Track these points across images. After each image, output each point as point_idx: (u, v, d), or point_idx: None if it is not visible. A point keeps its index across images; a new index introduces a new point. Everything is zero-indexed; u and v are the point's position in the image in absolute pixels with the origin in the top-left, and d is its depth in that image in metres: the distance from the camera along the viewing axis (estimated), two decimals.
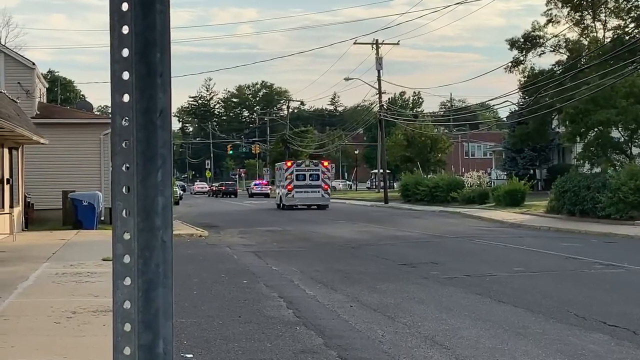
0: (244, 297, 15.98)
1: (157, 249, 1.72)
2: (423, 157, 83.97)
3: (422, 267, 20.84)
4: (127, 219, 1.72)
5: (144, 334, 1.71)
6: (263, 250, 26.27)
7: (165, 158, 1.72)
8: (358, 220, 42.42)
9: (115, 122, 1.72)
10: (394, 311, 14.13)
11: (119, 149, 1.72)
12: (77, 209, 33.23)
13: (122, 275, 1.72)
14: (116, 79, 1.72)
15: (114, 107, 1.73)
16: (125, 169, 1.72)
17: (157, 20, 1.71)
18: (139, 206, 1.71)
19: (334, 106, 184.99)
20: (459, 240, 29.31)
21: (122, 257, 1.73)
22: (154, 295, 1.71)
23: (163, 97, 1.72)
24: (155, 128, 1.72)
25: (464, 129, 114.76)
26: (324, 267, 21.02)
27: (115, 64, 1.72)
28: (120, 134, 1.72)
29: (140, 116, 1.71)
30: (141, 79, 1.71)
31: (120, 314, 1.72)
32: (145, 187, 1.71)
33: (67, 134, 36.99)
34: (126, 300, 1.72)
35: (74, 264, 19.85)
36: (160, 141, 1.72)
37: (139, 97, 1.71)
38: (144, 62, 1.71)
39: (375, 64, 70.85)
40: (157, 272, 1.72)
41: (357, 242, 28.99)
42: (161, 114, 1.72)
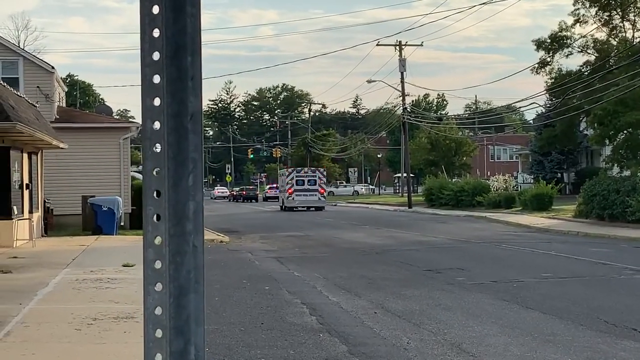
0: (266, 303, 16.00)
1: (188, 254, 1.73)
2: (447, 160, 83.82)
3: (447, 272, 20.79)
4: (158, 224, 1.73)
5: (176, 341, 1.72)
6: (285, 256, 26.30)
7: (197, 162, 1.73)
8: (381, 225, 42.38)
9: (146, 126, 1.73)
10: (420, 318, 14.11)
11: (149, 153, 1.73)
12: (96, 215, 33.41)
13: (153, 280, 1.74)
14: (147, 83, 1.73)
15: (144, 111, 1.74)
16: (156, 173, 1.74)
17: (188, 24, 1.73)
18: (170, 211, 1.72)
19: (356, 109, 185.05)
20: (485, 246, 29.21)
21: (153, 262, 1.74)
22: (185, 301, 1.73)
23: (194, 101, 1.74)
24: (187, 132, 1.73)
25: (490, 132, 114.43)
26: (348, 273, 21.00)
27: (146, 68, 1.74)
28: (151, 138, 1.74)
29: (171, 120, 1.73)
30: (172, 83, 1.72)
31: (152, 320, 1.73)
32: (177, 192, 1.72)
33: (86, 138, 37.21)
34: (157, 306, 1.73)
35: (94, 270, 19.96)
36: (191, 145, 1.73)
37: (170, 101, 1.73)
38: (175, 66, 1.72)
39: (399, 66, 70.80)
40: (189, 277, 1.73)
41: (380, 247, 28.96)
42: (192, 117, 1.73)
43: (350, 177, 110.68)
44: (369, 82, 78.16)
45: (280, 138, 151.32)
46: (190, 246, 1.73)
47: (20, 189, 29.34)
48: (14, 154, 28.25)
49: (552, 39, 56.78)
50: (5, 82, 30.09)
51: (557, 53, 56.94)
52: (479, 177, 75.03)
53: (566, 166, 71.26)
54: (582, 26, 56.26)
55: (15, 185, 28.44)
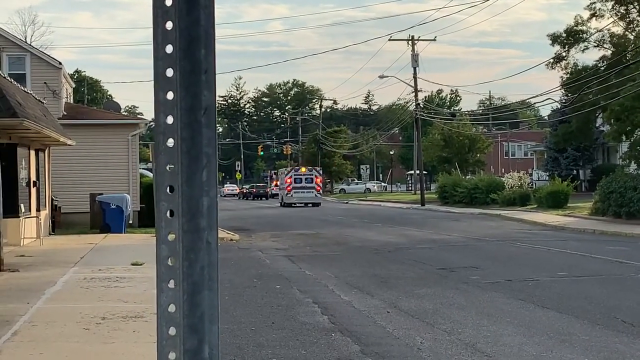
0: (277, 302, 16.01)
1: (202, 250, 1.73)
2: (461, 157, 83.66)
3: (461, 271, 20.77)
4: (171, 220, 1.73)
5: (190, 339, 1.72)
6: (296, 254, 26.32)
7: (210, 157, 1.73)
8: (394, 223, 42.36)
9: (159, 120, 1.73)
10: (433, 317, 14.10)
11: (162, 147, 1.73)
12: (104, 212, 33.48)
13: (167, 277, 1.74)
14: (160, 76, 1.73)
15: (157, 105, 1.74)
16: (169, 168, 1.73)
17: (201, 16, 1.72)
18: (183, 207, 1.72)
19: (368, 105, 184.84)
20: (499, 244, 29.17)
21: (167, 259, 1.74)
22: (199, 298, 1.72)
23: (208, 95, 1.73)
24: (200, 126, 1.73)
25: (504, 128, 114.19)
26: (360, 272, 21.01)
27: (158, 61, 1.73)
28: (164, 132, 1.73)
29: (184, 114, 1.72)
30: (185, 76, 1.72)
31: (165, 317, 1.73)
32: (190, 187, 1.72)
33: (94, 135, 37.30)
34: (171, 303, 1.73)
35: (103, 269, 20.01)
36: (205, 140, 1.73)
37: (184, 95, 1.72)
38: (188, 59, 1.72)
39: (411, 61, 70.73)
40: (203, 274, 1.73)
41: (393, 245, 28.95)
42: (206, 111, 1.73)
43: (362, 174, 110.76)
44: (381, 77, 78.13)
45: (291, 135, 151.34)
46: (204, 242, 1.72)
47: (27, 186, 29.43)
48: (21, 151, 28.34)
49: (568, 34, 56.59)
50: (12, 78, 30.18)
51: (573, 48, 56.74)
52: (493, 174, 74.89)
53: (582, 163, 71.06)
54: (598, 20, 56.07)
55: (22, 183, 28.53)
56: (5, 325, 12.38)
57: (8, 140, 26.83)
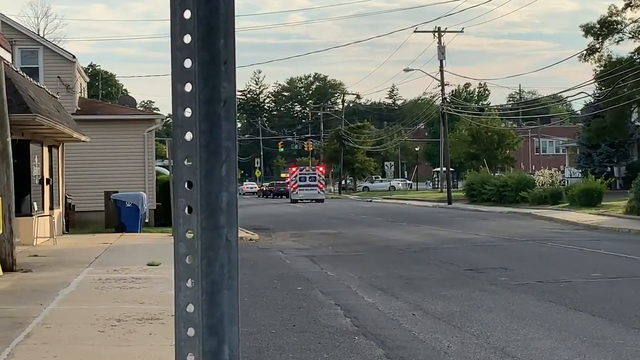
0: (298, 304, 16.03)
1: (221, 248, 1.73)
2: (489, 153, 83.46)
3: (490, 272, 20.72)
4: (189, 217, 1.73)
5: (209, 340, 1.72)
6: (318, 255, 26.34)
7: (230, 151, 1.73)
8: (419, 222, 42.32)
9: (177, 113, 1.73)
10: (460, 320, 14.07)
11: (180, 141, 1.73)
12: (120, 211, 33.62)
13: (185, 276, 1.74)
14: (177, 67, 1.73)
15: (175, 97, 1.74)
16: (188, 163, 1.73)
17: (221, 4, 1.72)
18: (202, 203, 1.72)
19: (392, 99, 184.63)
20: (529, 244, 29.07)
21: (185, 257, 1.74)
22: (218, 298, 1.72)
23: (227, 86, 1.73)
24: (220, 119, 1.73)
25: (534, 123, 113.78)
26: (384, 273, 21.00)
27: (176, 51, 1.73)
28: (182, 125, 1.73)
29: (203, 106, 1.72)
30: (204, 67, 1.72)
31: (183, 317, 1.73)
32: (209, 183, 1.72)
33: (109, 131, 37.46)
34: (189, 303, 1.73)
35: (118, 269, 20.09)
36: (224, 133, 1.73)
37: (202, 86, 1.72)
38: (207, 49, 1.72)
39: (438, 54, 70.54)
40: (222, 273, 1.73)
41: (419, 245, 28.92)
42: (225, 103, 1.73)
43: (387, 171, 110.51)
44: (406, 71, 77.93)
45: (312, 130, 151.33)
46: (224, 240, 1.72)
47: (40, 184, 29.61)
48: (33, 148, 28.51)
49: (602, 24, 56.30)
50: (25, 72, 30.36)
51: (607, 39, 56.46)
52: (523, 171, 74.63)
53: (616, 159, 70.65)
54: (633, 10, 55.74)
55: (35, 181, 28.70)
56: (18, 327, 12.46)
57: (20, 137, 27.00)
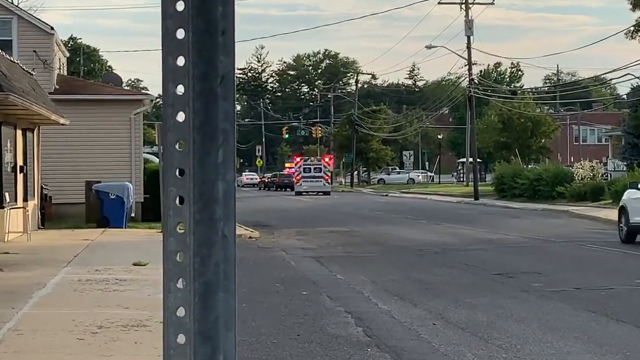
0: (303, 311, 16.05)
1: (217, 244, 1.72)
2: (522, 143, 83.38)
3: (521, 277, 20.72)
4: (181, 208, 1.73)
5: (202, 347, 1.72)
6: (326, 255, 26.36)
7: (228, 134, 1.73)
8: (442, 220, 42.31)
9: (168, 90, 1.73)
10: (487, 331, 14.07)
11: (171, 123, 1.73)
12: (103, 203, 33.67)
13: (175, 276, 1.73)
14: (169, 38, 1.73)
15: (165, 72, 1.73)
16: (179, 147, 1.73)
17: None
18: (195, 193, 1.72)
19: (412, 80, 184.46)
20: (567, 246, 29.05)
21: (175, 254, 1.74)
22: (213, 300, 1.72)
23: (225, 60, 1.73)
24: (216, 97, 1.72)
25: (574, 109, 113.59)
26: (401, 276, 21.02)
27: (167, 20, 1.73)
28: (174, 104, 1.73)
29: (197, 83, 1.72)
30: (199, 38, 1.72)
31: (173, 322, 1.73)
32: (204, 170, 1.72)
33: (91, 112, 37.49)
34: (180, 306, 1.73)
35: (100, 269, 20.14)
36: (221, 114, 1.72)
37: (197, 60, 1.72)
38: (202, 17, 1.71)
39: (465, 29, 70.44)
40: (217, 272, 1.73)
41: (440, 246, 28.93)
42: (223, 80, 1.73)
43: (405, 161, 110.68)
44: (429, 48, 77.96)
45: (322, 114, 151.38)
46: (220, 235, 1.72)
47: (13, 172, 29.66)
48: (5, 131, 28.55)
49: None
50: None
51: None
52: (560, 164, 74.54)
53: None
54: None
55: (7, 168, 28.75)
56: None
57: None
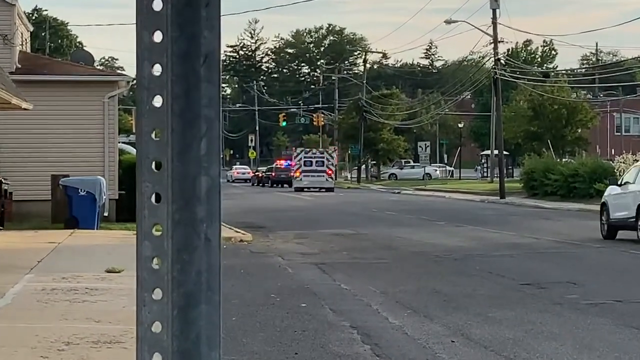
0: (302, 326, 16.06)
1: (199, 249, 1.72)
2: (556, 133, 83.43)
3: (553, 288, 20.73)
4: (157, 207, 1.72)
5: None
6: (328, 262, 26.37)
7: (212, 122, 1.72)
8: (463, 222, 42.32)
9: (143, 70, 1.72)
10: (514, 349, 14.08)
11: (147, 108, 1.73)
12: (71, 201, 33.65)
13: (151, 285, 1.73)
14: (144, 10, 1.72)
15: (140, 50, 1.73)
16: (156, 136, 1.73)
17: None
18: (174, 189, 1.71)
19: (429, 60, 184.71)
20: (606, 252, 29.06)
21: (150, 260, 1.73)
22: (194, 314, 1.72)
23: (209, 36, 1.72)
24: (199, 79, 1.72)
25: (615, 94, 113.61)
26: (415, 287, 21.02)
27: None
28: (149, 87, 1.73)
29: (177, 63, 1.71)
30: (180, 10, 1.71)
31: (148, 339, 1.72)
32: (184, 163, 1.71)
33: (59, 96, 37.47)
34: (155, 321, 1.73)
35: (67, 277, 20.13)
36: (204, 98, 1.72)
37: (177, 36, 1.71)
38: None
39: (490, 1, 70.47)
40: (199, 282, 1.72)
41: (461, 251, 28.94)
42: (207, 59, 1.72)
43: (420, 154, 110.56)
44: (448, 23, 77.92)
45: (325, 99, 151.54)
46: (202, 239, 1.72)
47: None
48: None
49: None
50: None
51: None
52: (599, 157, 74.58)
53: None
54: None
55: None
56: None
57: None
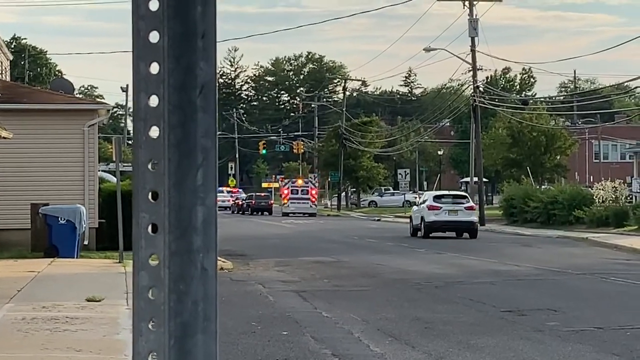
0: (284, 354, 16.04)
1: (195, 279, 1.73)
2: (534, 160, 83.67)
3: (534, 315, 20.76)
4: (154, 238, 1.73)
5: None
6: (310, 289, 26.36)
7: (209, 152, 1.73)
8: (443, 249, 42.37)
9: (140, 101, 1.73)
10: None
11: (143, 139, 1.73)
12: (51, 230, 33.54)
13: (147, 316, 1.73)
14: (141, 42, 1.73)
15: (137, 81, 1.74)
16: (152, 167, 1.73)
17: None
18: (171, 219, 1.72)
19: (408, 88, 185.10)
20: (586, 279, 29.12)
21: (147, 290, 1.74)
22: (191, 344, 1.72)
23: (206, 68, 1.74)
24: (195, 110, 1.73)
25: (594, 121, 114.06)
26: (396, 314, 21.03)
27: (139, 21, 1.74)
28: (146, 118, 1.74)
29: (174, 94, 1.72)
30: (176, 42, 1.72)
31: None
32: (181, 193, 1.72)
33: (38, 124, 37.41)
34: (152, 351, 1.73)
35: (48, 306, 20.05)
36: (201, 129, 1.73)
37: (173, 67, 1.72)
38: (180, 18, 1.72)
39: (468, 29, 70.75)
40: (196, 312, 1.73)
41: (442, 279, 28.96)
42: (203, 90, 1.73)
43: (400, 181, 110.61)
44: (427, 51, 78.19)
45: (304, 127, 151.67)
46: (199, 269, 1.73)
47: None
48: None
49: None
50: None
51: None
52: (578, 184, 74.81)
53: None
54: None
55: None
56: None
57: None
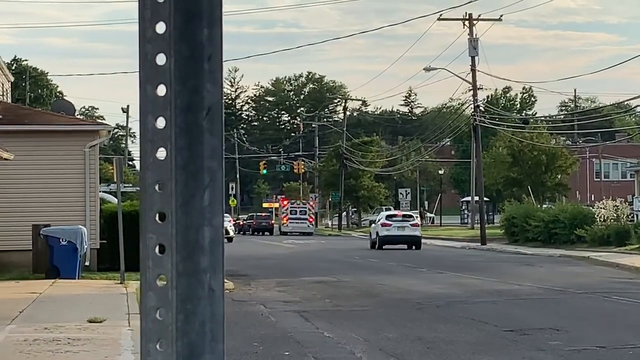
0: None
1: (203, 300, 1.73)
2: (535, 179, 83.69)
3: (536, 334, 20.73)
4: (161, 258, 1.74)
5: None
6: (311, 310, 26.32)
7: (215, 173, 1.74)
8: (444, 268, 42.33)
9: (147, 123, 1.74)
10: None
11: (150, 161, 1.74)
12: (52, 251, 33.52)
13: (154, 336, 1.74)
14: (148, 65, 1.75)
15: (144, 103, 1.75)
16: (160, 188, 1.74)
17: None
18: (178, 240, 1.73)
19: (409, 107, 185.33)
20: (588, 298, 29.07)
21: (155, 311, 1.74)
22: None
23: (212, 90, 1.75)
24: (202, 132, 1.74)
25: (594, 140, 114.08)
26: (398, 334, 21.00)
27: (146, 44, 1.75)
28: (153, 140, 1.75)
29: (181, 115, 1.74)
30: (183, 65, 1.73)
31: None
32: (188, 214, 1.73)
33: (39, 145, 37.42)
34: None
35: (50, 327, 20.03)
36: (208, 150, 1.74)
37: (180, 89, 1.73)
38: (186, 41, 1.73)
39: (468, 48, 70.79)
40: (203, 332, 1.73)
41: (443, 298, 28.92)
42: (209, 112, 1.74)
43: (401, 201, 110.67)
44: (427, 70, 78.32)
45: (305, 147, 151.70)
46: (206, 289, 1.73)
47: None
48: None
49: None
50: None
51: None
52: (579, 203, 74.78)
53: None
54: None
55: None
56: None
57: None
